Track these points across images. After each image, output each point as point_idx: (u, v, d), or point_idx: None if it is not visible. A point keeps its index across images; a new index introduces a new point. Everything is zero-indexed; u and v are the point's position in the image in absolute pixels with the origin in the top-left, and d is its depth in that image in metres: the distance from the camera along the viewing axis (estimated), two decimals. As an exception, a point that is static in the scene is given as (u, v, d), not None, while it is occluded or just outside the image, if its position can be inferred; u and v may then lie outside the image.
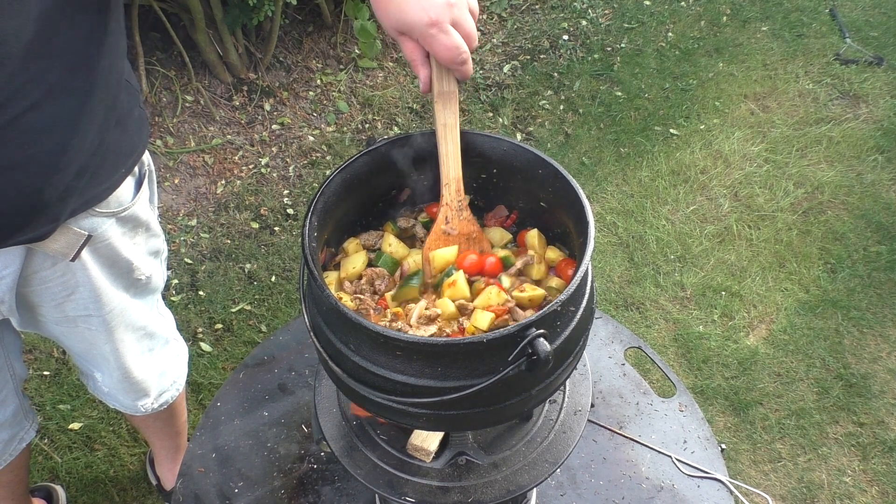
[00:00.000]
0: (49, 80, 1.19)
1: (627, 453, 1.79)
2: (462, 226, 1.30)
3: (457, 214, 1.28)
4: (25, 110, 1.18)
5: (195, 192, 3.45)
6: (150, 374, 1.87)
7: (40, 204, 1.29)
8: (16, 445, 1.89)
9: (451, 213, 1.28)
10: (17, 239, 1.33)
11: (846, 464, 2.58)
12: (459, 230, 1.30)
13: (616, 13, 4.56)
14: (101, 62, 1.27)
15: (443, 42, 1.07)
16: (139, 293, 1.72)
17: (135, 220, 1.58)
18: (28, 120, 1.19)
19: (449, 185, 1.26)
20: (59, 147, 1.25)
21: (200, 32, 3.47)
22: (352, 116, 3.85)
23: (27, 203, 1.27)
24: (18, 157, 1.21)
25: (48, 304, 1.56)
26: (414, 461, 1.39)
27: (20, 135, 1.19)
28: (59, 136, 1.25)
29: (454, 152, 1.23)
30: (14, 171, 1.22)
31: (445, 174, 1.25)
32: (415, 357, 1.07)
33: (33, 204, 1.28)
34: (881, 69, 4.13)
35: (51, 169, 1.26)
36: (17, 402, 1.83)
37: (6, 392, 1.78)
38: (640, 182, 3.55)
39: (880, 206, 3.43)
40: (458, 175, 1.25)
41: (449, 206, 1.27)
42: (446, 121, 1.20)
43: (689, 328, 2.95)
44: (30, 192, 1.26)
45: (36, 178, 1.25)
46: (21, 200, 1.26)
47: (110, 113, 1.35)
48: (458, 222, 1.29)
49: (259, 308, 3.00)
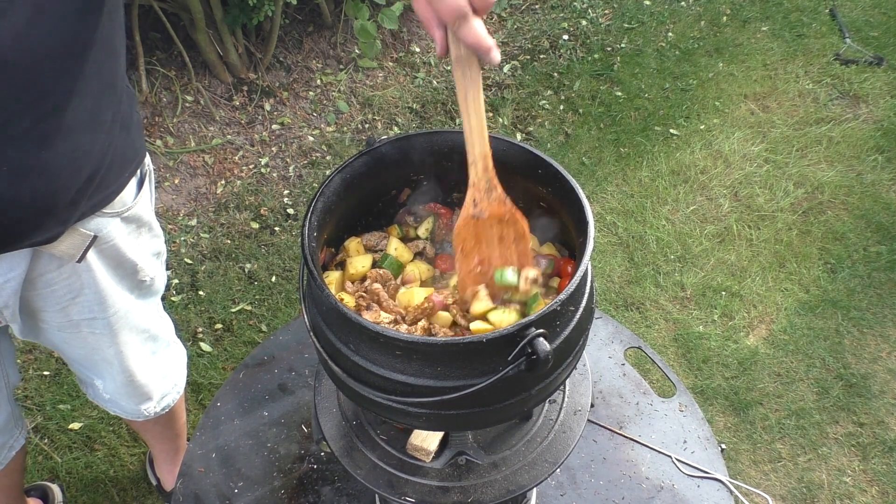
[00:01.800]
0: (66, 84, 1.20)
1: (627, 453, 1.79)
2: (492, 207, 1.17)
3: (486, 195, 1.16)
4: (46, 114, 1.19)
5: (195, 192, 3.45)
6: (153, 376, 1.86)
7: (53, 207, 1.30)
8: (6, 453, 1.89)
9: (480, 194, 1.15)
10: (26, 242, 1.34)
11: (846, 464, 2.58)
12: (490, 212, 1.17)
13: (616, 13, 4.56)
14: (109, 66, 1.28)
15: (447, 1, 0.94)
16: (143, 295, 1.72)
17: (138, 220, 1.58)
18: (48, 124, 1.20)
19: (475, 162, 1.13)
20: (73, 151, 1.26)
21: (200, 32, 3.47)
22: (352, 116, 3.85)
23: (40, 207, 1.28)
24: (35, 161, 1.22)
25: (52, 309, 1.56)
26: (414, 461, 1.39)
27: (39, 139, 1.20)
28: (74, 140, 1.26)
29: (479, 125, 1.09)
30: (30, 175, 1.23)
31: (471, 151, 1.12)
32: (414, 357, 1.07)
33: (46, 207, 1.29)
34: (881, 69, 4.13)
35: (65, 173, 1.27)
36: (9, 410, 1.83)
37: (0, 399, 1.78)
38: (640, 182, 3.55)
39: (880, 206, 3.43)
40: (484, 151, 1.12)
41: (476, 187, 1.15)
42: (467, 91, 1.06)
43: (689, 328, 2.95)
44: (44, 195, 1.27)
45: (51, 181, 1.26)
46: (35, 204, 1.27)
47: (116, 116, 1.37)
48: (487, 204, 1.16)
49: (259, 308, 3.00)
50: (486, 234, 1.19)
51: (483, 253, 1.20)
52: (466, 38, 0.97)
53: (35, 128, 1.18)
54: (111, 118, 1.34)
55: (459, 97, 1.07)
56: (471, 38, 0.97)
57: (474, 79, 1.05)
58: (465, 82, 1.05)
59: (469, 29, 0.96)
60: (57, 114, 1.20)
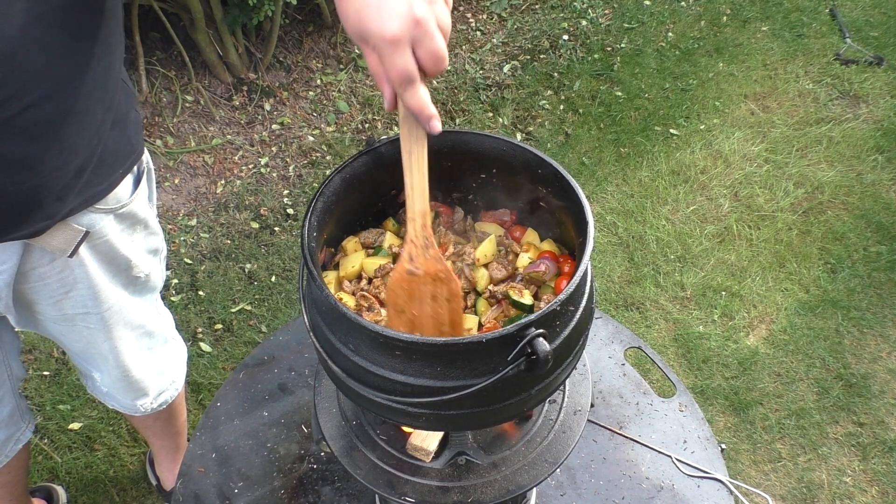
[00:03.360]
0: (50, 77, 1.19)
1: (627, 453, 1.79)
2: (428, 265, 1.15)
3: (422, 252, 1.14)
4: (27, 107, 1.18)
5: (195, 192, 3.45)
6: (148, 373, 1.86)
7: (38, 201, 1.30)
8: (12, 446, 1.89)
9: (416, 250, 1.14)
10: (12, 235, 1.34)
11: (846, 464, 2.58)
12: (425, 269, 1.15)
13: (616, 13, 4.56)
14: (100, 61, 1.27)
15: (396, 64, 0.92)
16: (138, 291, 1.71)
17: (133, 217, 1.58)
18: (29, 117, 1.19)
19: (414, 220, 1.11)
20: (58, 145, 1.26)
21: (200, 32, 3.47)
22: (352, 116, 3.85)
23: (25, 200, 1.28)
24: (18, 154, 1.21)
25: (46, 302, 1.56)
26: (414, 461, 1.39)
27: (21, 131, 1.20)
28: (59, 134, 1.25)
29: (420, 184, 1.08)
30: (13, 168, 1.22)
31: (411, 207, 1.10)
32: (414, 357, 1.07)
33: (31, 201, 1.29)
34: (881, 69, 4.13)
35: (49, 167, 1.26)
36: (13, 403, 1.83)
37: (3, 392, 1.78)
38: (640, 182, 3.55)
39: (880, 206, 3.43)
40: (424, 209, 1.11)
41: (414, 243, 1.14)
42: (412, 149, 1.05)
43: (689, 328, 2.95)
44: (28, 188, 1.26)
45: (35, 175, 1.26)
46: (19, 197, 1.26)
47: (108, 113, 1.36)
48: (423, 260, 1.15)
49: (259, 308, 3.00)
50: (419, 291, 1.18)
51: (415, 310, 1.19)
52: (409, 103, 0.97)
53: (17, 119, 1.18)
54: (102, 115, 1.33)
55: (403, 154, 1.06)
56: (414, 105, 0.97)
57: (420, 137, 1.05)
58: (411, 141, 1.05)
59: (413, 94, 0.96)
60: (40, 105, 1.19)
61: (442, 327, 1.19)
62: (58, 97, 1.21)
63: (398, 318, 1.20)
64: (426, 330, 1.19)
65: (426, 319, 1.19)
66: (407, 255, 1.15)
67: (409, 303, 1.18)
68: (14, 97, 1.16)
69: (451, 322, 1.19)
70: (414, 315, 1.19)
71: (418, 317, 1.19)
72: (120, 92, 1.41)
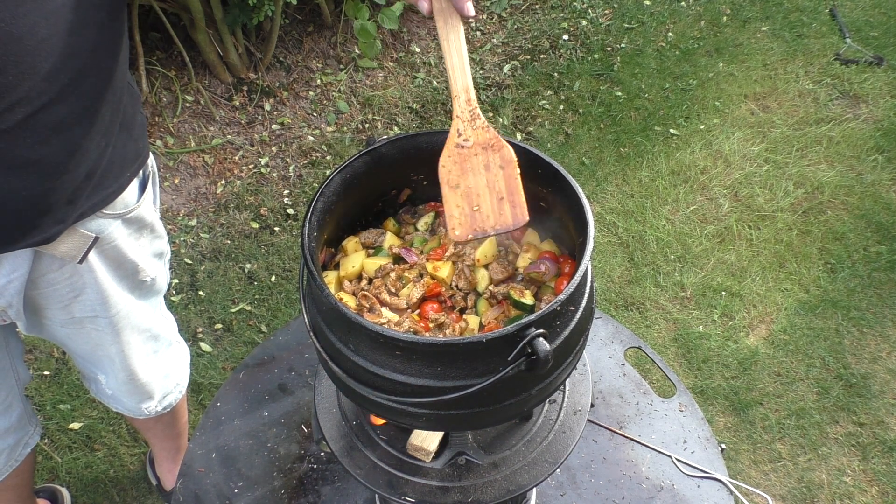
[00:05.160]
0: (61, 80, 1.19)
1: (627, 453, 1.79)
2: (477, 134, 1.22)
3: (469, 124, 1.21)
4: (37, 110, 1.18)
5: (195, 192, 3.45)
6: (154, 375, 1.87)
7: (49, 205, 1.30)
8: (21, 450, 1.89)
9: (464, 124, 1.21)
10: (25, 242, 1.34)
11: (846, 464, 2.58)
12: (475, 140, 1.22)
13: (616, 13, 4.56)
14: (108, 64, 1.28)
15: None
16: (143, 295, 1.72)
17: (140, 222, 1.58)
18: (40, 120, 1.19)
19: (458, 96, 1.20)
20: (68, 148, 1.26)
21: (200, 32, 3.47)
22: (352, 116, 3.85)
23: (36, 204, 1.28)
24: (30, 157, 1.22)
25: (55, 307, 1.57)
26: (414, 461, 1.39)
27: (32, 135, 1.20)
28: (69, 138, 1.25)
29: (460, 63, 1.19)
30: (24, 171, 1.23)
31: (454, 86, 1.20)
32: (414, 357, 1.07)
33: (42, 205, 1.29)
34: (881, 69, 4.13)
35: (60, 170, 1.27)
36: (21, 407, 1.83)
37: (11, 397, 1.78)
38: (640, 182, 3.55)
39: (880, 206, 3.43)
40: (466, 85, 1.20)
41: (460, 118, 1.21)
42: (448, 35, 1.18)
43: (689, 328, 2.95)
44: (39, 192, 1.27)
45: (46, 178, 1.26)
46: (31, 201, 1.27)
47: (115, 116, 1.36)
48: (472, 132, 1.22)
49: (259, 308, 3.00)
50: (471, 163, 1.22)
51: (469, 182, 1.22)
52: None
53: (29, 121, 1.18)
54: (109, 117, 1.34)
55: (441, 41, 1.19)
56: None
57: (454, 24, 1.18)
58: (447, 28, 1.18)
59: None
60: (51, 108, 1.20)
61: (499, 195, 1.22)
62: (68, 99, 1.22)
63: (453, 194, 1.22)
64: (483, 200, 1.22)
65: (482, 189, 1.22)
66: (454, 130, 1.21)
67: (462, 176, 1.22)
68: (25, 99, 1.16)
69: (508, 189, 1.22)
70: (469, 188, 1.22)
71: (474, 188, 1.22)
72: (126, 94, 1.41)
